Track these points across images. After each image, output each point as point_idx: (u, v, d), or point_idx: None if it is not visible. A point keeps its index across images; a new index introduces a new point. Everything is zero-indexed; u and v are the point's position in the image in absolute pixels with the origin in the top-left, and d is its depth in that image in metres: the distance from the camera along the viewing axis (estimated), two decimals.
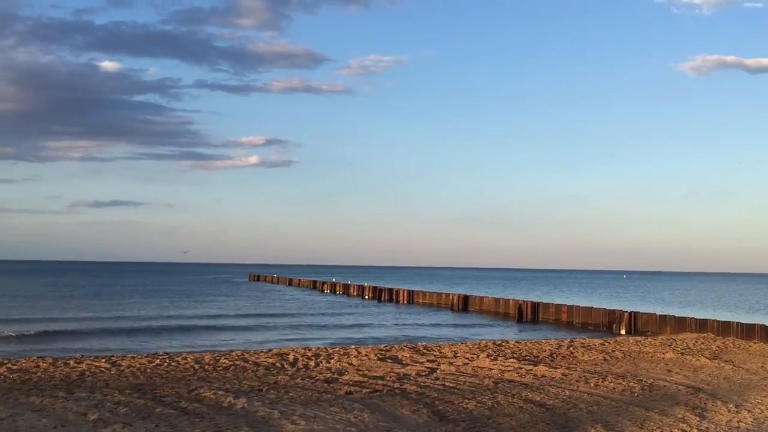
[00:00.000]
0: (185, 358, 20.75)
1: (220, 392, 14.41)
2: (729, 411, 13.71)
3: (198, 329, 38.29)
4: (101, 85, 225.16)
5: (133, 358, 20.99)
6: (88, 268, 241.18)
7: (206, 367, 19.00)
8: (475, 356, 22.34)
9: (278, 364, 19.73)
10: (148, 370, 18.14)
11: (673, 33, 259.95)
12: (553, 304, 48.41)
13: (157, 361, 19.93)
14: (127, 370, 18.04)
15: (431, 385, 16.17)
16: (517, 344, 27.03)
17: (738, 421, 12.75)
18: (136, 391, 14.68)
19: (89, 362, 19.58)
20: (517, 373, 18.60)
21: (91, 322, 40.72)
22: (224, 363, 19.75)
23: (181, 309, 53.50)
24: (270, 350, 23.94)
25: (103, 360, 20.22)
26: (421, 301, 63.81)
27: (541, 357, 22.68)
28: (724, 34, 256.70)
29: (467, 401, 14.10)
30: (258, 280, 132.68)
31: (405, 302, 64.05)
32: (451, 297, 58.65)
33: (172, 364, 19.51)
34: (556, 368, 19.62)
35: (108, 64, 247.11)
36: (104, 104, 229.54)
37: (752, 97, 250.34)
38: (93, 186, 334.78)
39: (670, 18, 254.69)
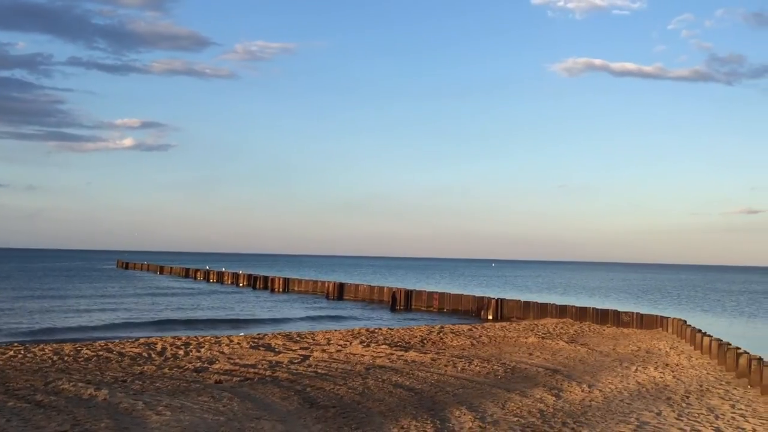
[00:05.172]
0: (42, 349, 19.60)
1: (80, 384, 13.74)
2: (582, 391, 14.67)
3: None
4: None
5: None
6: None
7: (66, 358, 18.03)
8: (348, 343, 22.57)
9: (145, 354, 19.06)
10: (0, 362, 16.98)
11: (547, 35, 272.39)
12: (425, 291, 49.68)
13: (11, 353, 18.69)
14: None
15: (303, 372, 16.19)
16: (389, 331, 27.55)
17: (590, 400, 13.67)
18: None
19: None
20: (389, 359, 18.98)
21: None
22: (86, 354, 18.83)
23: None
24: (137, 340, 23.06)
25: None
26: (296, 288, 63.58)
27: (412, 343, 23.26)
28: (593, 38, 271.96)
29: (338, 387, 14.24)
30: (127, 267, 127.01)
31: (280, 290, 63.55)
32: (326, 285, 58.82)
33: (28, 355, 18.37)
34: (425, 353, 20.19)
35: None
36: None
37: (616, 98, 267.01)
38: None
39: (545, 21, 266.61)
